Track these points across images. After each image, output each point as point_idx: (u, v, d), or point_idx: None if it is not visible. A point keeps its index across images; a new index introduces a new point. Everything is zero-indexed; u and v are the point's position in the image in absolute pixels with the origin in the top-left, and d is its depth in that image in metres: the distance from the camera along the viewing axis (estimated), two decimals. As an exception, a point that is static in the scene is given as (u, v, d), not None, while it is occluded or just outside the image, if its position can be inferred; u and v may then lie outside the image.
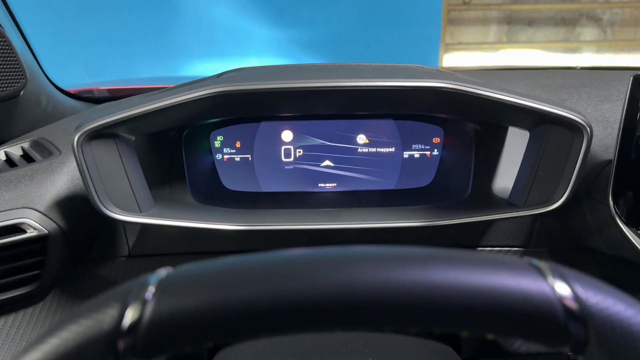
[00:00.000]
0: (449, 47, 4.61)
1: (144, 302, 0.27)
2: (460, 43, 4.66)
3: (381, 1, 3.96)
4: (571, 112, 0.70)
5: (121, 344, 0.27)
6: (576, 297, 0.28)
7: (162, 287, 0.29)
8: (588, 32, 4.79)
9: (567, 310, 0.27)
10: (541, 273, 0.29)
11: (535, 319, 0.27)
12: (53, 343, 0.28)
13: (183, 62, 3.85)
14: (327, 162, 0.94)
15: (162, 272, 0.31)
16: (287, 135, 0.92)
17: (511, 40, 4.72)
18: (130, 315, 0.27)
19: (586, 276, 0.30)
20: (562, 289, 0.28)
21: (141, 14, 3.61)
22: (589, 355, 0.27)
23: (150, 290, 0.28)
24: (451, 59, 4.64)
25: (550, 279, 0.28)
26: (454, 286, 0.28)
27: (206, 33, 3.80)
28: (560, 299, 0.27)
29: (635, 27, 4.80)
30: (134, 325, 0.27)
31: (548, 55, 4.76)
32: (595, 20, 4.77)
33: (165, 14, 3.69)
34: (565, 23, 4.76)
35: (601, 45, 4.80)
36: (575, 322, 0.27)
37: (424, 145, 0.94)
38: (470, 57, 4.68)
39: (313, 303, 0.28)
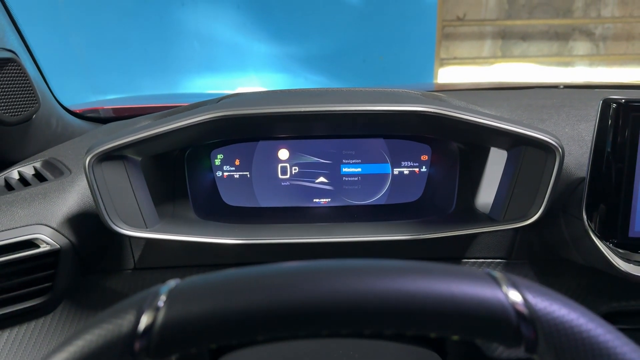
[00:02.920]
0: (444, 62, 4.68)
1: (157, 309, 0.32)
2: (455, 58, 4.73)
3: (377, 17, 4.03)
4: (544, 135, 0.75)
5: (137, 345, 0.31)
6: (526, 303, 0.32)
7: (172, 296, 0.33)
8: (581, 47, 4.87)
9: (518, 314, 0.32)
10: (497, 282, 0.34)
11: (492, 321, 0.32)
12: (78, 344, 0.33)
13: (184, 78, 3.91)
14: (322, 179, 0.98)
15: (172, 282, 0.36)
16: (283, 154, 0.97)
17: (505, 55, 4.79)
18: (145, 321, 0.32)
19: (536, 285, 0.35)
20: (514, 296, 0.33)
21: (143, 32, 3.68)
22: (540, 354, 0.32)
23: (162, 299, 0.33)
24: (446, 74, 4.70)
25: (505, 288, 0.33)
26: (424, 294, 0.33)
27: (206, 49, 3.86)
28: (512, 305, 0.32)
29: (627, 41, 4.88)
30: (148, 329, 0.31)
31: (542, 69, 4.83)
32: (587, 34, 4.85)
33: (166, 32, 3.76)
34: (559, 37, 4.84)
35: (594, 59, 4.87)
36: (526, 324, 0.32)
37: (413, 163, 0.98)
38: (464, 72, 4.75)
39: (303, 309, 0.32)
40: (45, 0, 3.17)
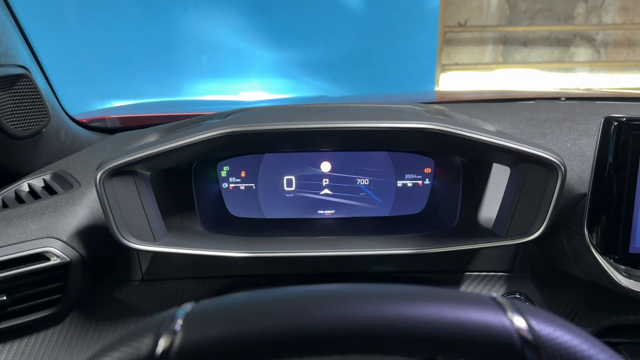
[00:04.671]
0: (445, 68, 4.70)
1: (174, 333, 0.34)
2: (456, 64, 4.75)
3: (379, 24, 4.05)
4: (546, 152, 0.76)
5: None
6: (531, 329, 0.34)
7: (188, 320, 0.35)
8: (582, 53, 4.89)
9: (523, 339, 0.34)
10: (502, 308, 0.35)
11: (497, 346, 0.34)
12: None
13: (187, 83, 3.93)
14: (326, 191, 0.99)
15: (187, 306, 0.37)
16: (289, 166, 0.99)
17: (506, 61, 4.81)
18: (162, 344, 0.33)
19: (540, 311, 0.37)
20: (519, 322, 0.34)
21: (146, 38, 3.70)
22: None
23: (179, 322, 0.35)
24: (447, 79, 4.72)
25: (510, 314, 0.35)
26: (432, 319, 0.34)
27: (209, 55, 3.89)
28: (517, 330, 0.34)
29: (627, 48, 4.90)
30: (166, 352, 0.33)
31: (543, 75, 4.85)
32: (589, 40, 4.88)
33: (170, 38, 3.78)
34: (560, 43, 4.86)
35: (595, 65, 4.89)
36: (530, 349, 0.33)
37: (416, 175, 1.00)
38: (466, 77, 4.77)
39: (317, 333, 0.34)
40: (49, 7, 3.20)
